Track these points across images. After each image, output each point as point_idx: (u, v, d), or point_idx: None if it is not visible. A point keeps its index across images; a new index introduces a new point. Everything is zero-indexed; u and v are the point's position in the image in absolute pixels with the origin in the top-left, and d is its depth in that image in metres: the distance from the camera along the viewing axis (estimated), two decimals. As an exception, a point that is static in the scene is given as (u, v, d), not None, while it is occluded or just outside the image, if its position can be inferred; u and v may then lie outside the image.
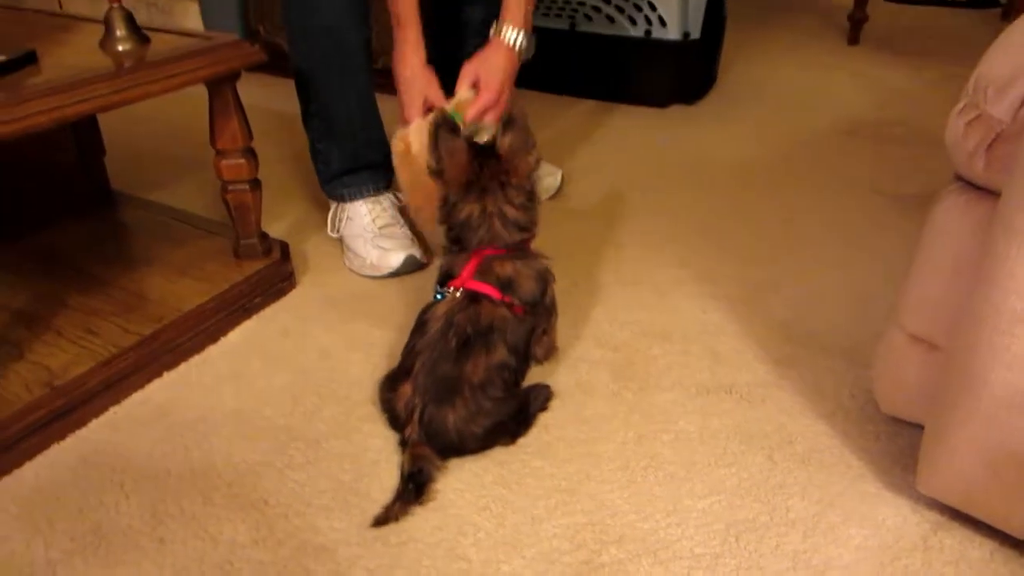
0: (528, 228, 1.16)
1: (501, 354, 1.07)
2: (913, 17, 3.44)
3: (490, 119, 1.39)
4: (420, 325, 1.10)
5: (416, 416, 1.03)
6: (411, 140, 1.38)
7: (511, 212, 1.13)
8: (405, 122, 1.41)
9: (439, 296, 1.12)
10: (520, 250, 1.15)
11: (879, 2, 3.55)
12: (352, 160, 1.52)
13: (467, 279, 1.10)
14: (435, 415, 1.03)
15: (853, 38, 3.02)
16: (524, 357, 1.13)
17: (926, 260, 0.94)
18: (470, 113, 1.38)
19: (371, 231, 1.52)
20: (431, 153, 1.13)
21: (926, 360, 0.96)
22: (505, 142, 1.11)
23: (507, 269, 1.12)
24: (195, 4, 2.80)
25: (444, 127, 1.11)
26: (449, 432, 1.03)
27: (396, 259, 1.48)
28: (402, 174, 1.45)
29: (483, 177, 1.12)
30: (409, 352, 1.09)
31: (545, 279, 1.16)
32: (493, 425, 1.06)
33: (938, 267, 0.92)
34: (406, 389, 1.06)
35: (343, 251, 1.56)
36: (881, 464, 1.05)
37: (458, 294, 1.09)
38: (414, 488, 1.00)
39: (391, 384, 1.11)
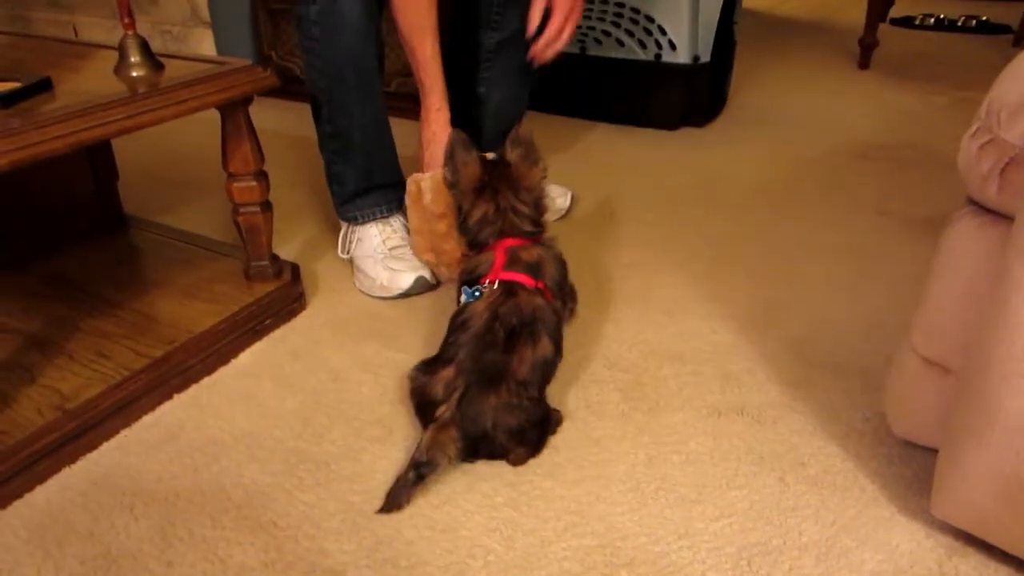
0: (540, 226, 1.24)
1: (545, 346, 1.10)
2: (923, 42, 3.46)
3: (567, 35, 1.46)
4: (460, 324, 1.11)
5: (456, 396, 1.03)
6: (424, 186, 1.41)
7: (523, 208, 1.23)
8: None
9: (476, 293, 1.13)
10: (536, 239, 1.24)
11: (890, 27, 3.57)
12: (366, 180, 1.54)
13: (499, 271, 1.15)
14: (476, 397, 1.03)
15: (864, 63, 3.03)
16: (559, 350, 1.15)
17: (939, 283, 0.93)
18: (553, 22, 1.43)
19: (381, 252, 1.52)
20: (447, 167, 1.25)
21: (939, 384, 0.95)
22: (513, 156, 1.24)
23: (533, 254, 1.19)
24: (209, 31, 2.84)
25: (459, 144, 1.22)
26: (486, 417, 1.03)
27: (406, 280, 1.49)
28: (411, 216, 1.47)
29: (494, 180, 1.23)
30: (450, 345, 1.10)
31: (563, 262, 1.22)
32: (525, 423, 1.06)
33: (951, 290, 0.91)
34: (448, 372, 1.06)
35: (353, 272, 1.57)
36: (895, 488, 1.04)
37: (495, 287, 1.12)
38: (414, 477, 1.00)
39: (427, 368, 1.11)
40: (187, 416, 1.20)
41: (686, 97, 2.36)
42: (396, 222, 1.57)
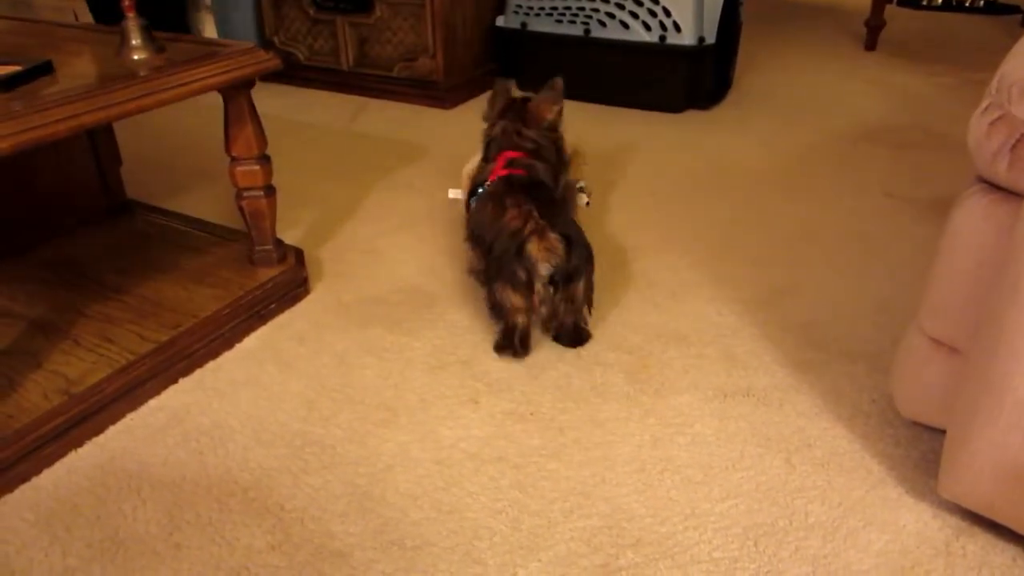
0: (540, 153, 1.42)
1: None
2: (931, 23, 3.43)
3: None
4: (480, 207, 1.32)
5: (535, 213, 1.19)
6: None
7: (526, 132, 1.43)
8: None
9: (479, 190, 1.35)
10: (538, 155, 1.41)
11: (897, 8, 3.54)
12: None
13: (498, 171, 1.35)
14: (550, 212, 1.21)
15: (870, 44, 3.01)
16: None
17: (947, 262, 0.92)
18: None
19: None
20: (489, 104, 1.50)
21: (947, 364, 0.94)
22: (538, 97, 1.47)
23: (525, 160, 1.37)
24: (211, 15, 2.82)
25: (501, 88, 1.51)
26: (570, 224, 1.23)
27: None
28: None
29: (514, 108, 1.47)
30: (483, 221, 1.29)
31: (558, 148, 1.48)
32: (589, 248, 1.24)
33: (959, 269, 0.91)
34: (511, 212, 1.22)
35: None
36: (902, 469, 1.04)
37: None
38: (553, 291, 1.20)
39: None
40: (192, 400, 1.20)
41: (691, 79, 2.34)
42: None
